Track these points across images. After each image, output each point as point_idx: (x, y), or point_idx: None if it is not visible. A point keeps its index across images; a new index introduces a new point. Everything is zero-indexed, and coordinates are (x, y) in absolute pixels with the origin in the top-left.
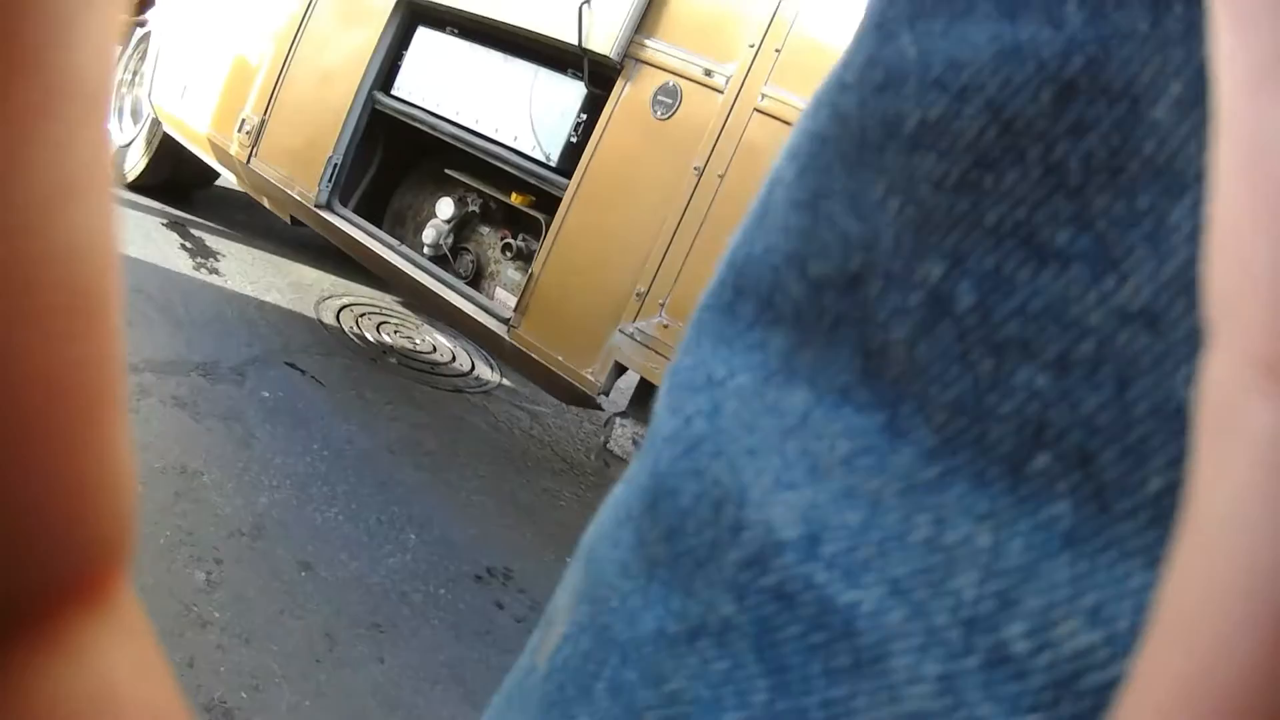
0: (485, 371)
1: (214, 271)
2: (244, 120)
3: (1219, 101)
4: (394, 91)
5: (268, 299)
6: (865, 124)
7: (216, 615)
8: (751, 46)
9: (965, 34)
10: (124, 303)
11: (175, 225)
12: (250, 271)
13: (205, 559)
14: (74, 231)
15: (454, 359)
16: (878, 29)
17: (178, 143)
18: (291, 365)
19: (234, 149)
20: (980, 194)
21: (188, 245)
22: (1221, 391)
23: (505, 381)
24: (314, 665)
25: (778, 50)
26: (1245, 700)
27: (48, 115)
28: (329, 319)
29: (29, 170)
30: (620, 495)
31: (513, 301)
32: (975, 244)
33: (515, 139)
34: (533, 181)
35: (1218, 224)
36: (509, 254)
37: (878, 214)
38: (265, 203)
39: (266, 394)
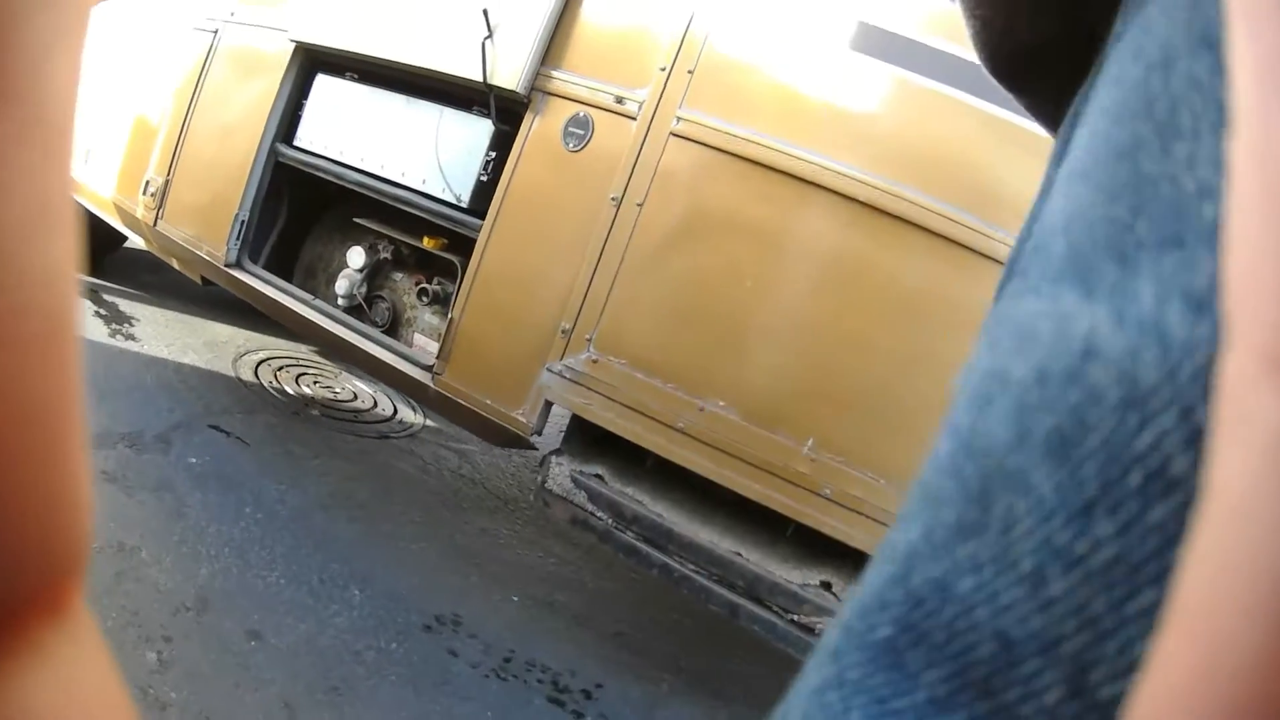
0: (408, 414)
1: (130, 337)
2: (148, 182)
3: (1234, 101)
4: (296, 142)
5: (185, 361)
6: None
7: (173, 695)
8: (663, 70)
9: None
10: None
11: (87, 292)
12: (165, 334)
13: (154, 638)
14: (44, 261)
15: (375, 405)
16: None
17: (84, 208)
18: (215, 428)
19: (140, 212)
20: None
21: (101, 312)
22: (1235, 385)
23: (429, 422)
24: None
25: (690, 72)
26: (1251, 687)
27: (22, 144)
28: (248, 375)
29: (5, 199)
30: None
31: (434, 347)
32: None
33: (424, 182)
34: (445, 224)
35: (1233, 222)
36: (425, 299)
37: None
38: (175, 264)
39: (194, 460)
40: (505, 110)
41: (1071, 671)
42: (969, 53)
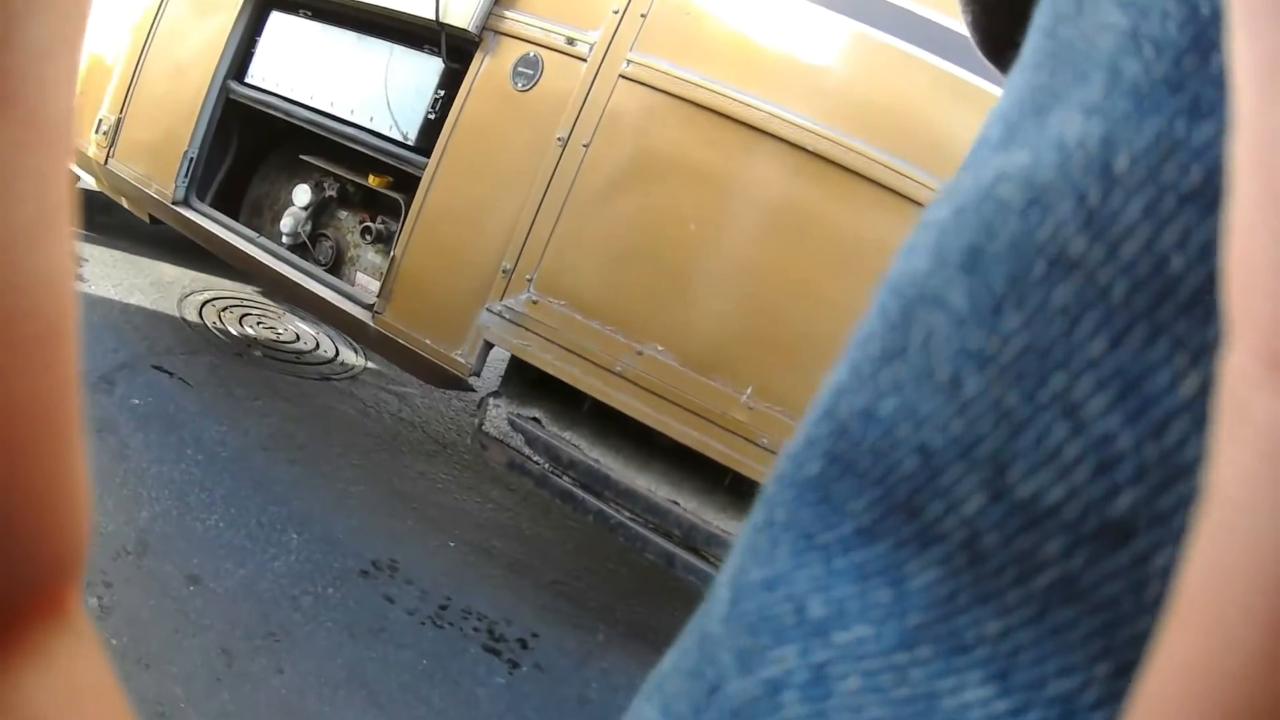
0: (350, 356)
1: (77, 277)
2: (101, 120)
3: (1235, 100)
4: (248, 80)
5: (131, 301)
6: (1169, 256)
7: (114, 642)
8: (615, 13)
9: None
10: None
11: None
12: (112, 274)
13: (95, 583)
14: (47, 262)
15: (318, 346)
16: (1175, 90)
17: None
18: (159, 368)
19: (91, 150)
20: None
21: None
22: (1234, 385)
23: (370, 364)
24: (215, 684)
25: (643, 15)
26: (1251, 687)
27: (21, 147)
28: (192, 316)
29: (7, 202)
30: None
31: (375, 286)
32: None
33: (371, 119)
34: (391, 162)
35: (1234, 222)
36: (369, 238)
37: (1184, 425)
38: (124, 203)
39: (137, 401)
40: (456, 49)
41: (990, 474)
42: (925, 10)
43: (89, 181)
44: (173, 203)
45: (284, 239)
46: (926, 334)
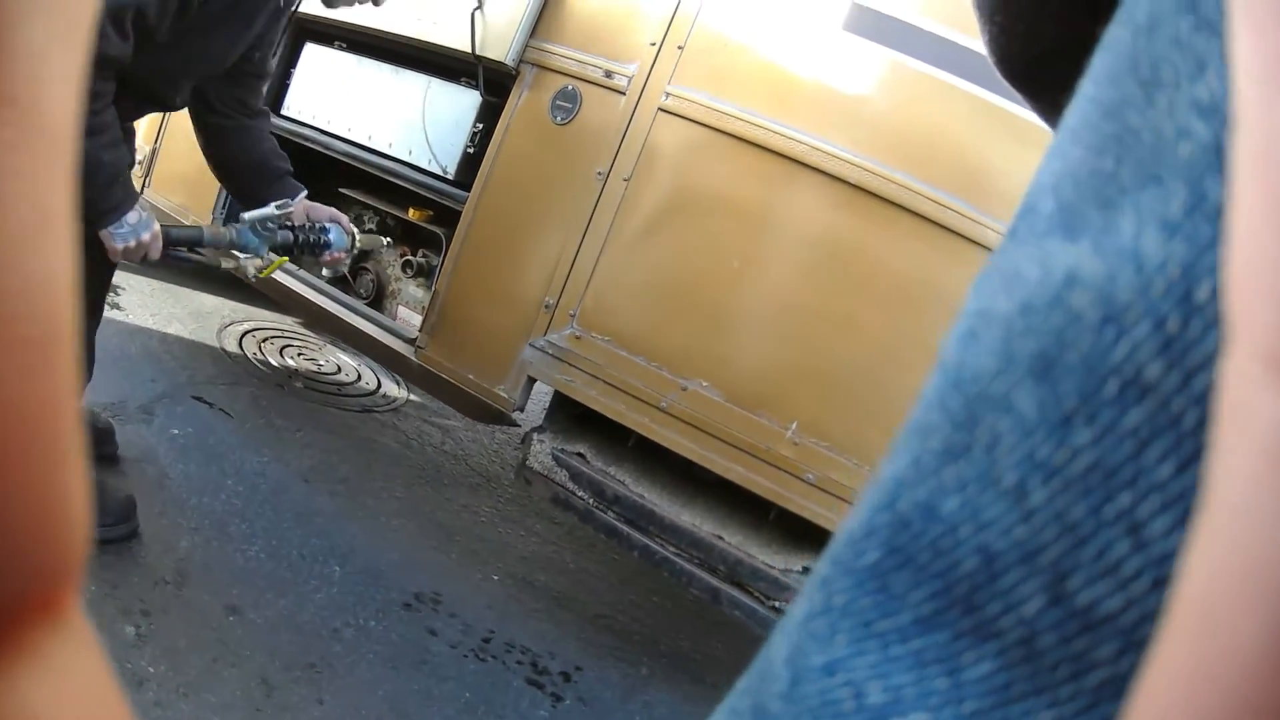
0: (392, 388)
1: (115, 306)
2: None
3: (1236, 101)
4: (284, 111)
5: (170, 331)
6: None
7: (151, 670)
8: (653, 45)
9: None
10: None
11: None
12: (150, 303)
13: (133, 611)
14: (44, 265)
15: (359, 378)
16: None
17: None
18: (199, 399)
19: None
20: None
21: None
22: (1235, 386)
23: (413, 397)
24: (255, 714)
25: (680, 48)
26: (1251, 687)
27: (20, 150)
28: (232, 347)
29: (4, 205)
30: None
31: (417, 320)
32: None
33: (410, 153)
34: (430, 196)
35: (1235, 223)
36: (410, 271)
37: None
38: None
39: (176, 431)
40: (493, 82)
41: (1050, 579)
42: (962, 37)
43: None
44: None
45: (324, 272)
46: (992, 437)
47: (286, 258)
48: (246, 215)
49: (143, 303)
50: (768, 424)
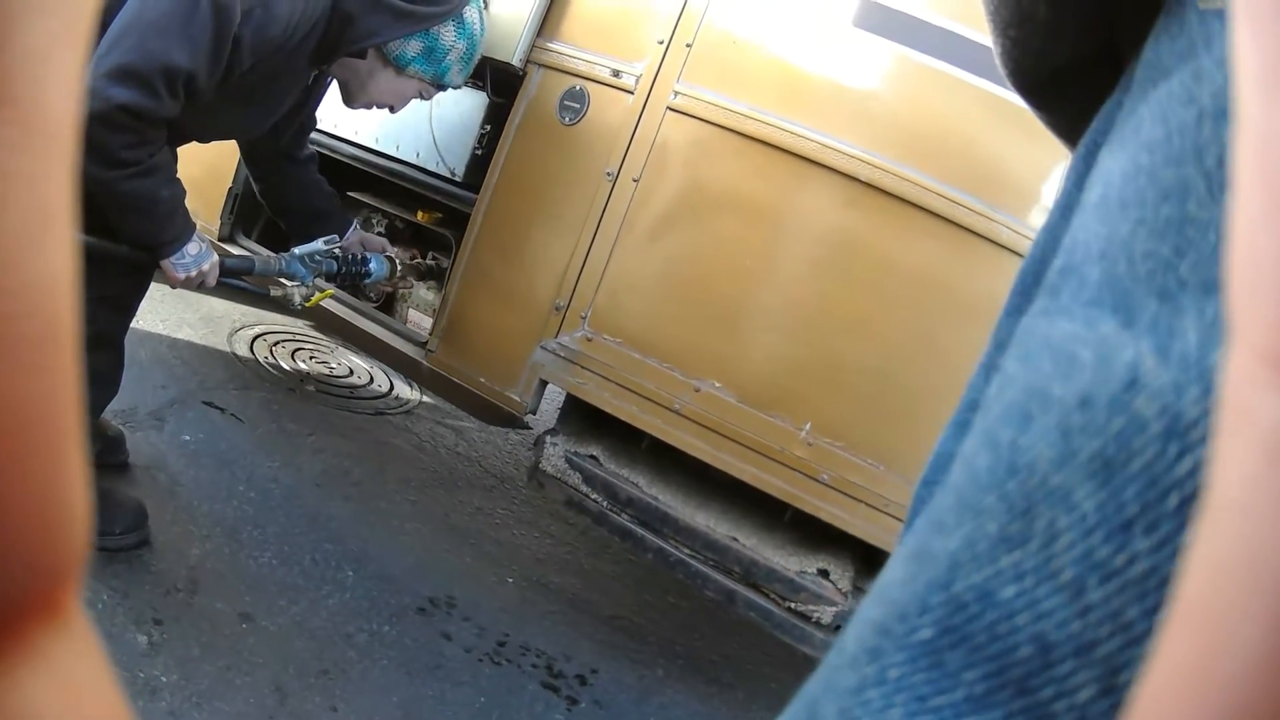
0: (404, 390)
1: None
2: None
3: (1237, 102)
4: None
5: (180, 336)
6: None
7: (164, 680)
8: (661, 43)
9: None
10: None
11: None
12: (160, 309)
13: (145, 620)
14: (44, 265)
15: (372, 380)
16: None
17: None
18: (210, 404)
19: None
20: None
21: None
22: (1236, 385)
23: (425, 399)
24: None
25: (688, 45)
26: (1251, 687)
27: (21, 150)
28: (243, 351)
29: (4, 205)
30: None
31: (427, 323)
32: None
33: (418, 155)
34: (439, 198)
35: (1235, 223)
36: (419, 274)
37: None
38: None
39: (187, 437)
40: (500, 83)
41: (1104, 672)
42: (972, 32)
43: None
44: (218, 239)
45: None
46: (1052, 533)
47: (332, 288)
48: (296, 249)
49: (152, 308)
50: (781, 425)
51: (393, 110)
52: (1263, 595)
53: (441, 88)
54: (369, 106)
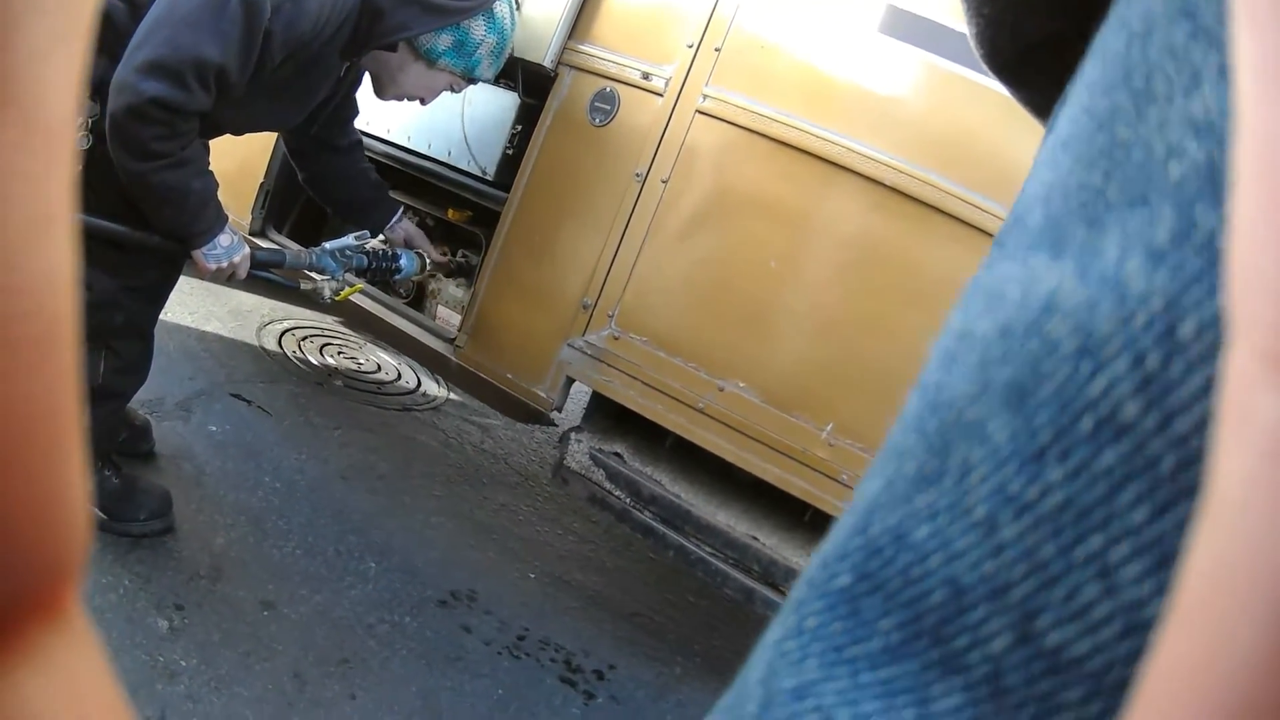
0: (432, 387)
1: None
2: None
3: (1237, 101)
4: None
5: (208, 329)
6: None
7: (183, 664)
8: (690, 46)
9: None
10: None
11: None
12: (189, 301)
13: (166, 605)
14: (45, 264)
15: (399, 377)
16: None
17: None
18: (237, 396)
19: None
20: None
21: None
22: (1236, 384)
23: (453, 396)
24: (286, 709)
25: (717, 49)
26: (1251, 687)
27: (22, 150)
28: (271, 345)
29: (6, 204)
30: None
31: (456, 320)
32: None
33: (449, 154)
34: (470, 197)
35: (1236, 222)
36: (448, 271)
37: None
38: None
39: (214, 428)
40: (532, 84)
41: (1018, 618)
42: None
43: None
44: (250, 233)
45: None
46: (965, 466)
47: (361, 283)
48: (327, 244)
49: (181, 301)
50: (804, 425)
51: (423, 103)
52: (1263, 595)
53: (472, 81)
54: (399, 99)
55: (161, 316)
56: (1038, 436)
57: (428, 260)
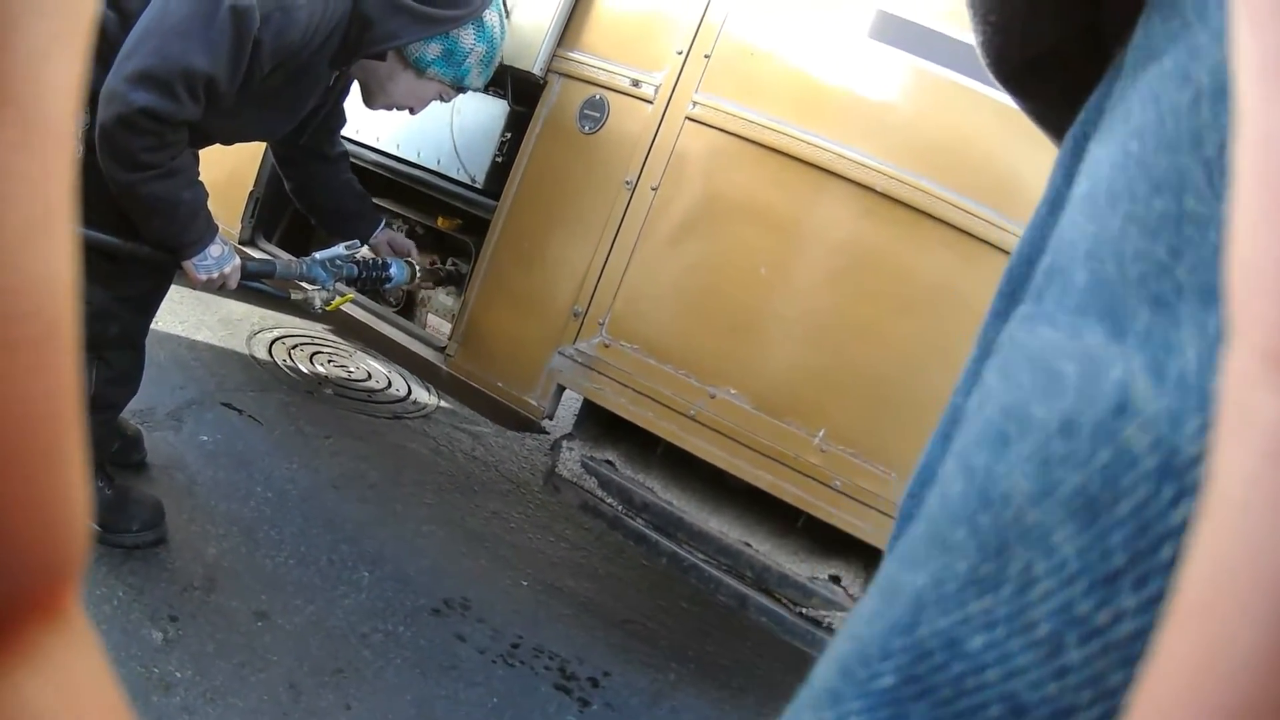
0: (422, 395)
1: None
2: None
3: (1237, 99)
4: None
5: (199, 338)
6: None
7: (178, 675)
8: (680, 53)
9: None
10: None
11: None
12: (179, 310)
13: (160, 617)
14: (45, 265)
15: (390, 385)
16: None
17: None
18: (228, 405)
19: None
20: None
21: None
22: (1236, 384)
23: (443, 403)
24: (281, 719)
25: (707, 56)
26: (1251, 687)
27: (22, 150)
28: (261, 354)
29: (6, 205)
30: None
31: (447, 328)
32: None
33: (439, 162)
34: (459, 205)
35: (1235, 220)
36: (438, 279)
37: None
38: None
39: (205, 438)
40: (521, 91)
41: None
42: None
43: None
44: (239, 242)
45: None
46: (1027, 578)
47: (352, 293)
48: (317, 254)
49: (171, 310)
50: (796, 431)
51: (412, 112)
52: (1263, 595)
53: (461, 90)
54: (389, 108)
55: (152, 326)
56: (1111, 559)
57: (417, 269)
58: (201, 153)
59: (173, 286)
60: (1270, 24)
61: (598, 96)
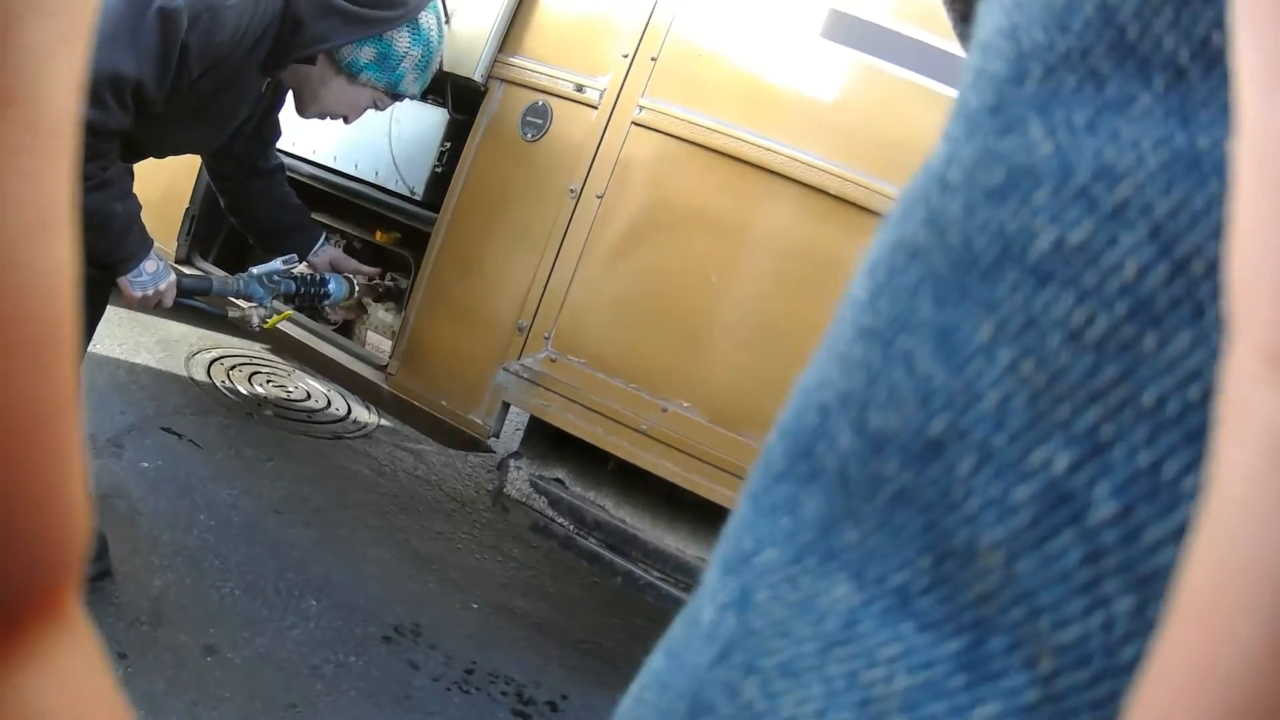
0: (362, 414)
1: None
2: None
3: (1238, 100)
4: None
5: (137, 360)
6: (972, 238)
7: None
8: (625, 57)
9: (1120, 132)
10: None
11: None
12: (117, 333)
13: (109, 655)
14: (46, 265)
15: (329, 404)
16: (995, 113)
17: None
18: (168, 430)
19: None
20: (1137, 358)
21: None
22: (1236, 383)
23: (384, 421)
24: None
25: (654, 59)
26: (1251, 687)
27: (23, 150)
28: (200, 375)
29: (6, 205)
30: (661, 679)
31: (387, 346)
32: (1124, 429)
33: (377, 174)
34: (398, 218)
35: (1237, 221)
36: (377, 295)
37: (979, 364)
38: None
39: (146, 464)
40: (461, 99)
41: (857, 415)
42: (940, 40)
43: None
44: (175, 261)
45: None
46: (841, 322)
47: (290, 310)
48: (254, 269)
49: (109, 332)
50: (750, 443)
51: (346, 121)
52: (1263, 594)
53: (397, 97)
54: (322, 117)
55: (91, 349)
56: (877, 281)
57: (356, 284)
58: (136, 169)
59: (109, 307)
60: (1270, 24)
61: (540, 103)
